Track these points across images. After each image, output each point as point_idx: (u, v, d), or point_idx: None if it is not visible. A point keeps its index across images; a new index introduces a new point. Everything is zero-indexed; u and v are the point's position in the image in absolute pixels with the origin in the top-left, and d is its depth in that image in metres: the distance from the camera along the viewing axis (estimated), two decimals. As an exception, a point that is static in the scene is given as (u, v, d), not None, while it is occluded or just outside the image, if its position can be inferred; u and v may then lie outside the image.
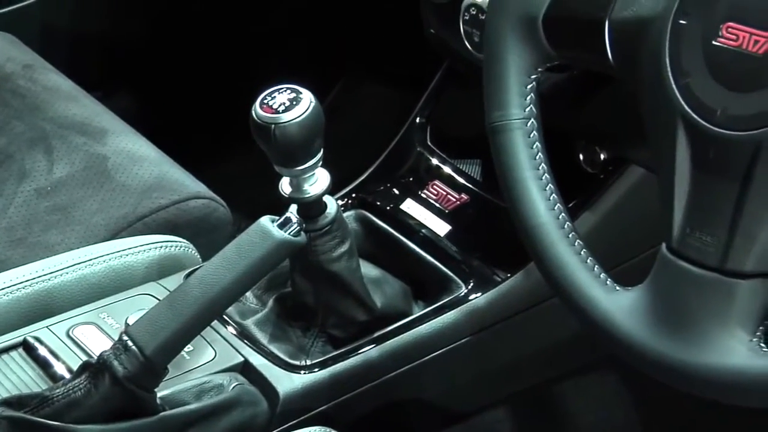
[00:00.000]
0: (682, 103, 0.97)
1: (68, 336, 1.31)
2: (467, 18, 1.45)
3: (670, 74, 0.98)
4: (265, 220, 1.21)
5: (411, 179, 1.66)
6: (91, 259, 1.41)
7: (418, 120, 1.72)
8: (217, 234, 1.59)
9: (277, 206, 1.27)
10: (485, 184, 1.60)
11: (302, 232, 1.23)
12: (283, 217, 1.22)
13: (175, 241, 1.47)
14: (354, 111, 2.25)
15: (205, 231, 1.57)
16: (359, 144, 1.85)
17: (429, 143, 1.70)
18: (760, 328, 0.97)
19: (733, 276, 0.95)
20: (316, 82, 1.39)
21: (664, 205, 1.00)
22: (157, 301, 1.24)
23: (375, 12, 2.14)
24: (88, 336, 1.31)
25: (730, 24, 0.95)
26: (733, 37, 0.95)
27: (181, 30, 2.23)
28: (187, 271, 1.42)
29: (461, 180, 1.63)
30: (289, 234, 1.20)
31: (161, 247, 1.45)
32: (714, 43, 0.96)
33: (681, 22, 0.98)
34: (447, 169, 1.65)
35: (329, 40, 2.26)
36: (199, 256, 1.49)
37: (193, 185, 1.60)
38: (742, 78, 0.94)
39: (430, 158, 1.68)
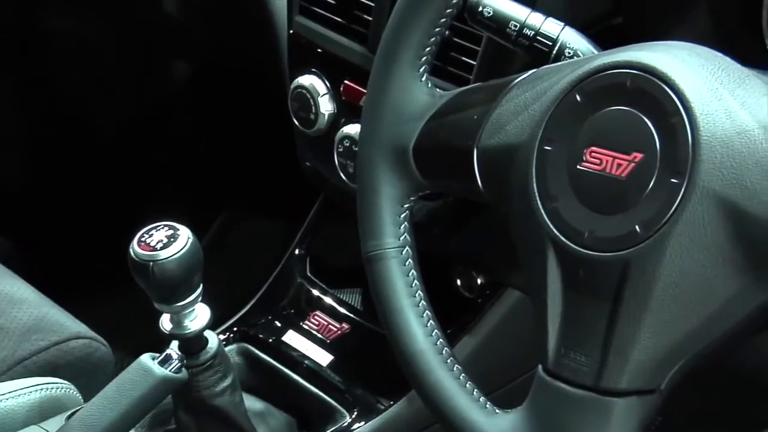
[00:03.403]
0: (551, 226, 0.98)
1: (-54, 485, 1.28)
2: (341, 150, 1.46)
3: (537, 199, 0.99)
4: (146, 358, 1.19)
5: (292, 311, 1.66)
6: (-31, 405, 1.37)
7: (297, 251, 1.73)
8: (99, 373, 1.56)
9: (161, 343, 1.25)
10: (365, 313, 1.60)
11: (183, 368, 1.22)
12: (164, 354, 1.21)
13: (56, 383, 1.44)
14: (234, 245, 2.25)
15: (86, 371, 1.55)
16: (240, 277, 1.85)
17: (309, 274, 1.70)
18: (638, 445, 0.98)
19: (608, 395, 0.96)
20: (195, 218, 1.39)
21: (539, 327, 1.01)
22: (38, 445, 1.21)
23: (252, 147, 2.15)
24: (-33, 484, 1.27)
25: (593, 149, 0.97)
26: (597, 161, 0.96)
27: (57, 171, 2.21)
28: (68, 413, 1.39)
29: (342, 310, 1.63)
30: (170, 371, 1.19)
31: (42, 389, 1.42)
32: (579, 167, 0.97)
33: (546, 148, 1.00)
34: (328, 300, 1.65)
35: (207, 176, 2.27)
36: (80, 397, 1.46)
37: (74, 325, 1.58)
38: (607, 200, 0.95)
39: (311, 289, 1.68)
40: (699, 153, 0.91)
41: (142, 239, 1.20)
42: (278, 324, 1.64)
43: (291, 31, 1.56)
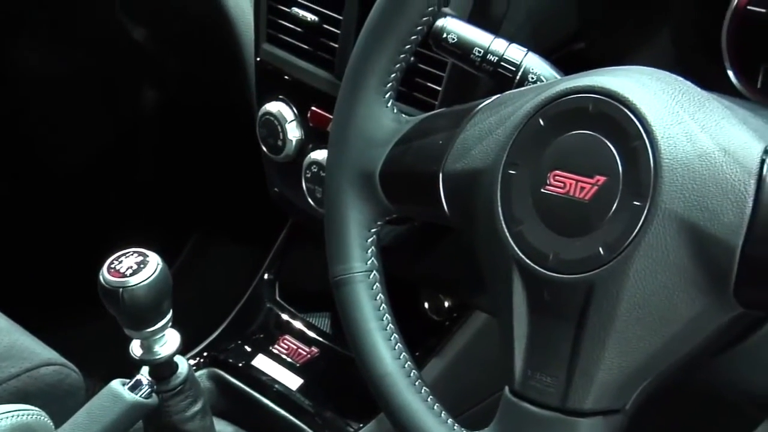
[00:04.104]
0: (516, 249, 0.98)
1: None
2: (309, 175, 1.46)
3: (503, 222, 0.99)
4: (116, 384, 1.19)
5: (262, 335, 1.66)
6: (-61, 434, 1.36)
7: (266, 276, 1.72)
8: (70, 400, 1.55)
9: (132, 369, 1.25)
10: (334, 337, 1.60)
11: (154, 394, 1.21)
12: (134, 380, 1.20)
13: (27, 410, 1.42)
14: (203, 271, 2.24)
15: (57, 397, 1.53)
16: (210, 303, 1.84)
17: (278, 299, 1.70)
18: (603, 464, 0.98)
19: (573, 415, 0.96)
20: (165, 245, 1.38)
21: (505, 349, 1.01)
22: (9, 472, 1.20)
23: (221, 173, 2.15)
24: None
25: (557, 172, 0.97)
26: (561, 184, 0.96)
27: (27, 199, 2.20)
28: (39, 440, 1.38)
29: (311, 334, 1.63)
30: (140, 396, 1.19)
31: (12, 416, 1.40)
32: (543, 191, 0.97)
33: (510, 172, 1.00)
34: (297, 324, 1.65)
35: (177, 202, 2.26)
36: (51, 424, 1.44)
37: (45, 352, 1.56)
38: (571, 223, 0.96)
39: (280, 314, 1.68)
40: (661, 176, 0.91)
41: (112, 266, 1.20)
42: (248, 348, 1.63)
43: (258, 59, 1.56)
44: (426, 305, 1.54)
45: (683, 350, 0.95)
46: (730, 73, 1.20)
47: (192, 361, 1.58)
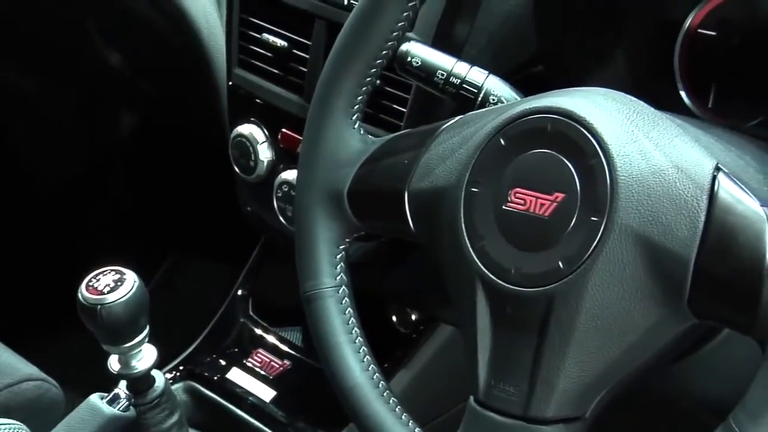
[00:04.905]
0: (479, 264, 0.98)
1: None
2: (280, 195, 1.46)
3: (466, 238, 1.00)
4: (95, 398, 1.18)
5: (236, 349, 1.65)
6: None
7: (240, 292, 1.72)
8: (50, 414, 1.54)
9: (110, 383, 1.24)
10: (306, 350, 1.60)
11: (132, 407, 1.21)
12: (112, 394, 1.20)
13: (8, 424, 1.41)
14: (179, 287, 2.24)
15: (38, 412, 1.52)
16: (185, 318, 1.84)
17: (251, 314, 1.70)
18: (565, 471, 0.98)
19: (536, 423, 0.96)
20: (143, 263, 1.38)
21: (470, 360, 1.01)
22: (-10, 486, 1.19)
23: (195, 193, 2.14)
24: None
25: (518, 190, 0.97)
26: (521, 201, 0.97)
27: (6, 216, 2.19)
28: (20, 453, 1.37)
29: (283, 347, 1.63)
30: (118, 410, 1.18)
31: (-6, 430, 1.40)
32: (504, 207, 0.98)
33: (473, 190, 1.00)
34: (270, 338, 1.65)
35: (154, 222, 2.25)
36: (32, 438, 1.44)
37: (25, 368, 1.56)
38: (532, 239, 0.96)
39: (254, 328, 1.67)
40: (617, 192, 0.92)
41: (90, 283, 1.19)
42: (223, 362, 1.63)
43: (230, 83, 1.56)
44: (394, 318, 1.54)
45: (641, 359, 0.95)
46: (683, 93, 1.21)
47: (168, 375, 1.58)
